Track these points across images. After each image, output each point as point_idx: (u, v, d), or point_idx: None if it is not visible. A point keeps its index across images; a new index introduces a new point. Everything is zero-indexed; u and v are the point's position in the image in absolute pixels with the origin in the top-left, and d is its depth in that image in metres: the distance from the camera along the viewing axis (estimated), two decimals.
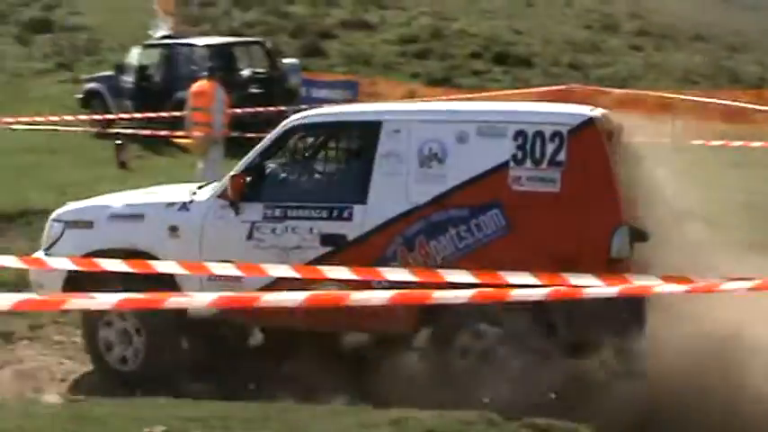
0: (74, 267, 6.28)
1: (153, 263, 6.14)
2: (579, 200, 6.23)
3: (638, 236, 6.34)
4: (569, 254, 6.10)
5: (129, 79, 19.12)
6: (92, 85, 20.30)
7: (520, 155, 6.36)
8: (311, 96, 19.29)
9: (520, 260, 5.65)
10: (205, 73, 13.82)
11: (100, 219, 7.23)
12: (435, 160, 6.59)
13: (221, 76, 14.18)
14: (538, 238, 6.29)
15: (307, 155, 7.60)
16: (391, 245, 6.55)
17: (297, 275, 5.62)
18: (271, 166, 7.19)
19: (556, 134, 6.36)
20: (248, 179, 6.79)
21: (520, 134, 6.39)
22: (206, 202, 6.98)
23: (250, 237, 6.77)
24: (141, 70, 19.13)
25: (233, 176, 6.71)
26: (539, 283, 5.22)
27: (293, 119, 7.33)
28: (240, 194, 6.69)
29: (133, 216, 7.18)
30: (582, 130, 6.42)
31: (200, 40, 18.84)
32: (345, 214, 6.68)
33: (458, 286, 4.98)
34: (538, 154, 6.33)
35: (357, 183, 6.79)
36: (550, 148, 6.31)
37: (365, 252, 6.51)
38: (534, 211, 6.28)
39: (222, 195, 6.81)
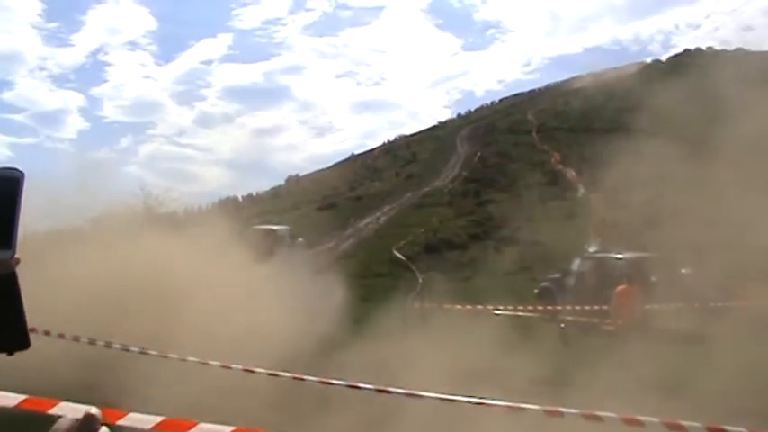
0: None
1: None
2: None
3: None
4: None
5: (571, 281, 19.45)
6: (545, 283, 20.67)
7: None
8: (699, 295, 17.70)
9: None
10: (624, 278, 14.06)
11: None
12: None
13: (636, 280, 14.34)
14: None
15: None
16: None
17: None
18: None
19: None
20: None
21: None
22: None
23: None
24: (580, 275, 19.37)
25: None
26: None
27: None
28: None
29: None
30: None
31: (621, 255, 18.55)
32: None
33: None
34: None
35: None
36: None
37: None
38: None
39: None
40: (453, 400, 6.67)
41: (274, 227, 28.40)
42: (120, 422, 3.94)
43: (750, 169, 27.93)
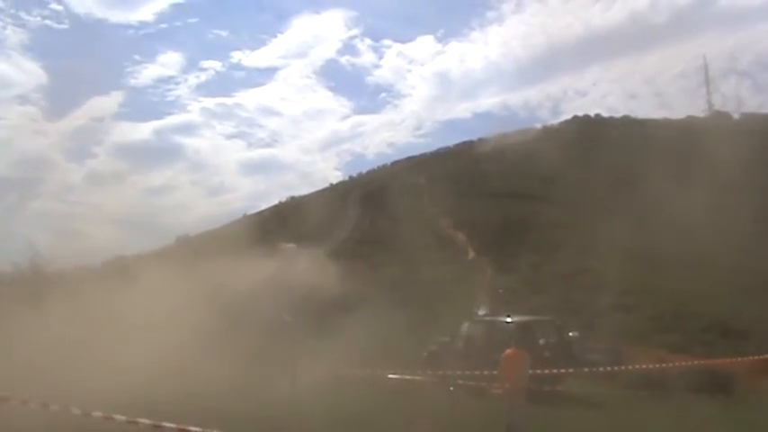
0: None
1: None
2: None
3: None
4: None
5: (460, 344, 19.37)
6: (434, 348, 20.81)
7: None
8: (587, 359, 18.28)
9: None
10: (513, 342, 13.52)
11: None
12: None
13: (524, 344, 13.35)
14: None
15: None
16: None
17: None
18: None
19: None
20: None
21: None
22: None
23: None
24: (469, 338, 19.29)
25: None
26: None
27: None
28: None
29: None
30: None
31: (509, 318, 18.60)
32: None
33: None
34: None
35: None
36: None
37: None
38: None
39: None
40: None
41: (292, 245, 39.66)
42: None
43: (638, 234, 29.52)
